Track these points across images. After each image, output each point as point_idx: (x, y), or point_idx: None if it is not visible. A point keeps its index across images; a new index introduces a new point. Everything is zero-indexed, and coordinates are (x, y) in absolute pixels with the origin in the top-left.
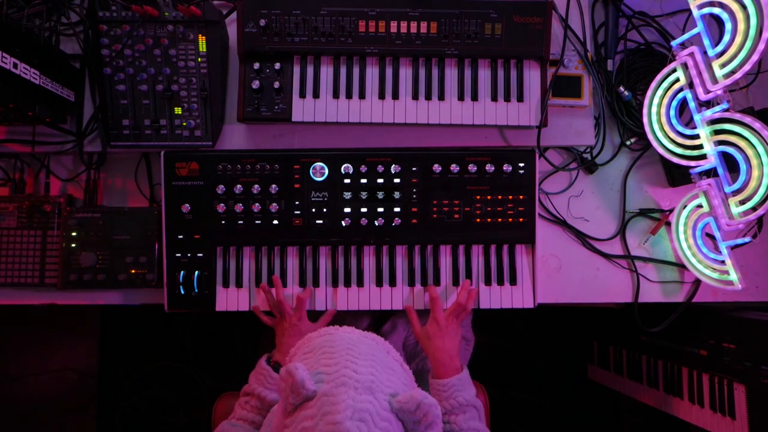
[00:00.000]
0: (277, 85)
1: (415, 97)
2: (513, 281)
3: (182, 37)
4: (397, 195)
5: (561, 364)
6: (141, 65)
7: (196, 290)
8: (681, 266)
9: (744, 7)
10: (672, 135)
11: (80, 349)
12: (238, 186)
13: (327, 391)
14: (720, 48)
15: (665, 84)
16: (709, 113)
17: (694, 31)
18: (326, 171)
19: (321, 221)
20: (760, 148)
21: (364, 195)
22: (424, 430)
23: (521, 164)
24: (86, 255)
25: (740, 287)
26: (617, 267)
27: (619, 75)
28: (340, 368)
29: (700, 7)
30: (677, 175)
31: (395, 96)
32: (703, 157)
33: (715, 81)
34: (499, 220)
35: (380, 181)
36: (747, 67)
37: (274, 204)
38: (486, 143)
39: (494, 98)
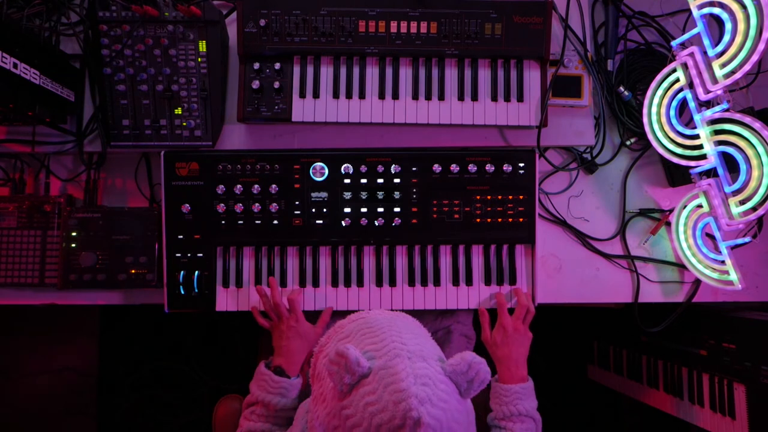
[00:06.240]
0: (277, 85)
1: (415, 97)
2: (513, 281)
3: (182, 37)
4: (397, 195)
5: (561, 364)
6: (141, 65)
7: (196, 290)
8: (681, 266)
9: (744, 7)
10: (672, 135)
11: (80, 349)
12: (238, 186)
13: (382, 365)
14: (720, 48)
15: (665, 84)
16: (709, 113)
17: (694, 31)
18: (326, 171)
19: (321, 221)
20: (760, 148)
21: (364, 195)
22: (477, 388)
23: (521, 164)
24: (86, 255)
25: (740, 287)
26: (617, 267)
27: (619, 75)
28: (388, 342)
29: (700, 7)
30: (677, 175)
31: (395, 96)
32: (703, 157)
33: (715, 81)
34: (499, 220)
35: (380, 181)
36: (747, 67)
37: (274, 204)
38: (486, 143)
39: (494, 98)
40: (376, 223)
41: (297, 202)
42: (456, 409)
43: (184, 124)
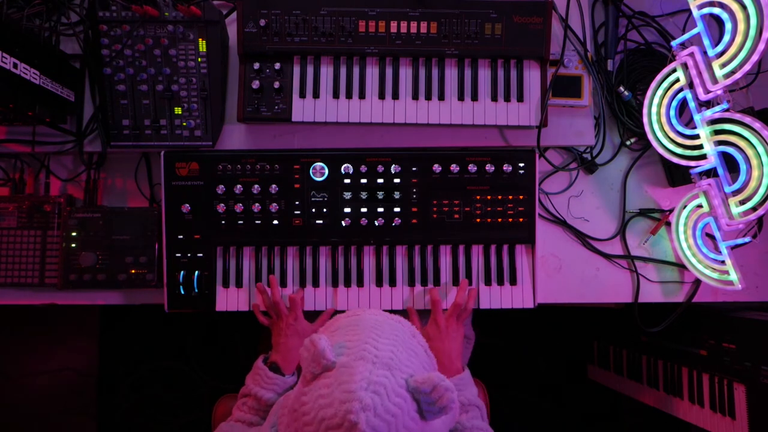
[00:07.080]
0: (277, 85)
1: (415, 97)
2: (513, 281)
3: (182, 37)
4: (397, 195)
5: (561, 364)
6: (141, 65)
7: (196, 290)
8: (681, 266)
9: (744, 7)
10: (672, 135)
11: (80, 349)
12: (238, 186)
13: (345, 363)
14: (720, 48)
15: (665, 84)
16: (709, 113)
17: (694, 31)
18: (326, 171)
19: (321, 221)
20: (760, 148)
21: (364, 195)
22: (438, 413)
23: (521, 164)
24: (86, 255)
25: (740, 287)
26: (617, 267)
27: (619, 75)
28: (362, 343)
29: (700, 7)
30: (677, 175)
31: (395, 96)
32: (703, 157)
33: (715, 81)
34: (499, 220)
35: (380, 181)
36: (747, 67)
37: (274, 204)
38: (486, 143)
39: (494, 98)
40: (376, 223)
41: (297, 202)
42: (405, 427)
43: (184, 124)
